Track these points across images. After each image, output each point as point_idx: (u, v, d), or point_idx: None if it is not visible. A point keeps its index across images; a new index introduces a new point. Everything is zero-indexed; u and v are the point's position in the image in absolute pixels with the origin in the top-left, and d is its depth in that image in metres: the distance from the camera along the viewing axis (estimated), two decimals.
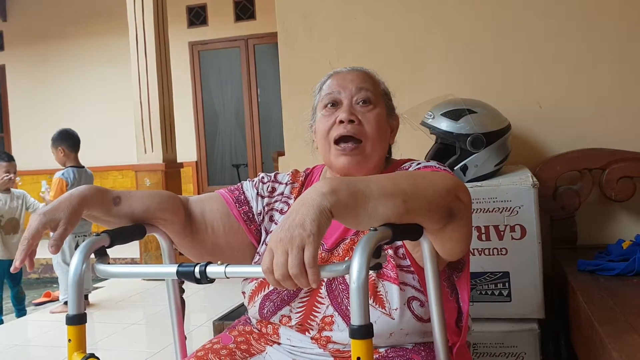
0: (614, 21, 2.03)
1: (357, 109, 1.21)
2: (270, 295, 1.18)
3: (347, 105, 1.20)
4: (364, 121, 1.20)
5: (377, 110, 1.22)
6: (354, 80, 1.23)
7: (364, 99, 1.21)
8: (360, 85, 1.22)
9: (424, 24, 2.19)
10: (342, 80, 1.24)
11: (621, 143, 1.99)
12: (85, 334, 1.00)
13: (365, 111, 1.21)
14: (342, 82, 1.23)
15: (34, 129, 8.31)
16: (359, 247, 0.83)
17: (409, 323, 1.09)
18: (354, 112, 1.20)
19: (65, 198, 1.05)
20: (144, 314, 4.30)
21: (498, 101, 1.94)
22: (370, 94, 1.22)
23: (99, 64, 7.98)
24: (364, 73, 1.27)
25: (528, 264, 1.66)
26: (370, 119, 1.20)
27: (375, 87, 1.25)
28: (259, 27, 7.34)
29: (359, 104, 1.21)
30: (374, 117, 1.21)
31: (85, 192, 1.07)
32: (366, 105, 1.21)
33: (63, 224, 1.02)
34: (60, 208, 1.03)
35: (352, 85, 1.22)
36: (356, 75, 1.25)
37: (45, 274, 6.30)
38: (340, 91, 1.22)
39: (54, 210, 1.02)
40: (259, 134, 7.67)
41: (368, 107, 1.21)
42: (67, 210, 1.03)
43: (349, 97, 1.21)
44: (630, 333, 1.15)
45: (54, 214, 1.02)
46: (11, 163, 4.33)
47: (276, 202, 1.30)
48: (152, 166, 5.38)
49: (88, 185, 1.10)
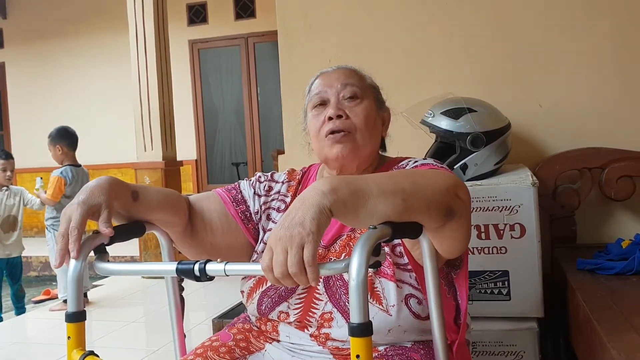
0: (613, 20, 2.03)
1: (344, 105, 1.23)
2: (268, 292, 1.18)
3: (334, 102, 1.22)
4: (351, 115, 1.21)
5: (365, 104, 1.24)
6: (339, 78, 1.25)
7: (351, 95, 1.23)
8: (345, 81, 1.24)
9: (424, 22, 2.19)
10: (328, 79, 1.26)
11: (621, 142, 1.99)
12: (84, 332, 1.01)
13: (352, 105, 1.23)
14: (328, 81, 1.26)
15: (33, 127, 8.31)
16: (358, 245, 0.83)
17: (406, 320, 1.10)
18: (341, 108, 1.22)
19: (94, 185, 1.04)
20: (143, 312, 4.31)
21: (498, 100, 1.94)
22: (356, 88, 1.24)
23: (98, 62, 7.98)
24: (349, 70, 1.29)
25: (527, 263, 1.66)
26: (357, 112, 1.22)
27: (361, 82, 1.27)
28: (259, 26, 7.35)
29: (346, 99, 1.23)
30: (361, 110, 1.22)
31: (109, 180, 1.07)
32: (353, 100, 1.23)
33: (105, 207, 1.02)
34: (95, 194, 1.02)
35: (337, 82, 1.24)
36: (342, 72, 1.27)
37: (44, 272, 6.30)
38: (327, 90, 1.24)
39: (90, 197, 1.02)
40: (258, 132, 7.68)
41: (355, 102, 1.23)
42: (103, 194, 1.03)
43: (335, 94, 1.23)
44: (629, 332, 1.15)
45: (92, 200, 1.02)
46: (9, 161, 4.31)
47: (273, 200, 1.31)
48: (151, 164, 5.38)
49: (109, 176, 1.09)
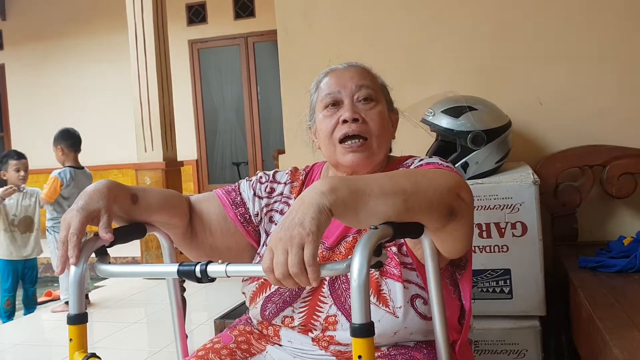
0: (614, 18, 2.03)
1: (359, 107, 1.19)
2: (272, 297, 1.17)
3: (349, 104, 1.18)
4: (367, 119, 1.18)
5: (380, 107, 1.20)
6: (353, 78, 1.21)
7: (365, 97, 1.19)
8: (359, 82, 1.20)
9: (424, 20, 2.19)
10: (341, 78, 1.21)
11: (622, 140, 1.99)
12: (86, 334, 1.01)
13: (367, 109, 1.19)
14: (340, 80, 1.21)
15: (33, 128, 8.32)
16: (359, 245, 0.83)
17: (413, 321, 1.09)
18: (357, 111, 1.18)
19: (93, 190, 1.04)
20: (145, 313, 4.31)
21: (498, 98, 1.94)
22: (371, 90, 1.20)
23: (98, 62, 7.97)
24: (362, 69, 1.25)
25: (529, 261, 1.66)
26: (373, 116, 1.19)
27: (374, 83, 1.23)
28: (258, 25, 7.34)
29: (360, 101, 1.19)
30: (377, 114, 1.19)
31: (108, 184, 1.06)
32: (368, 102, 1.19)
33: (105, 212, 1.02)
34: (93, 199, 1.02)
35: (351, 82, 1.20)
36: (355, 71, 1.23)
37: (46, 273, 6.30)
38: (340, 90, 1.20)
39: (89, 203, 1.01)
40: (259, 131, 7.67)
41: (370, 105, 1.19)
42: (102, 198, 1.02)
43: (349, 95, 1.19)
44: (632, 330, 1.15)
45: (91, 205, 1.01)
46: (21, 161, 4.27)
47: (275, 202, 1.28)
48: (152, 165, 5.38)
49: (107, 179, 1.09)
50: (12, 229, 4.22)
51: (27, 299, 4.43)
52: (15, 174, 4.21)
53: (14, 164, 4.22)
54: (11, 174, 4.21)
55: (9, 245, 4.21)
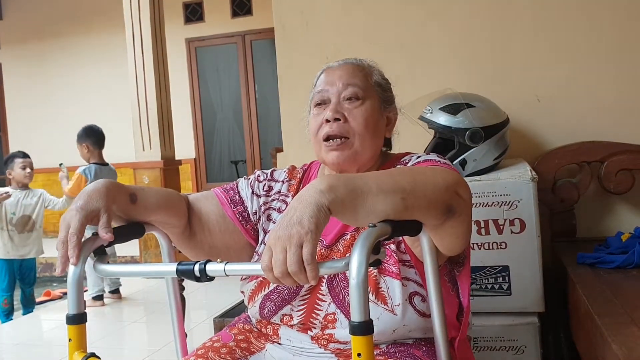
0: (612, 13, 2.03)
1: (344, 106, 1.19)
2: (271, 295, 1.17)
3: (334, 103, 1.20)
4: (350, 118, 1.18)
5: (366, 105, 1.20)
6: (342, 77, 1.22)
7: (351, 95, 1.20)
8: (347, 81, 1.21)
9: (421, 17, 2.19)
10: (331, 76, 1.23)
11: (619, 136, 1.99)
12: (85, 334, 1.01)
13: (352, 107, 1.19)
14: (330, 78, 1.23)
15: (31, 128, 8.31)
16: (358, 243, 0.83)
17: (411, 319, 1.09)
18: (340, 110, 1.19)
19: (92, 189, 1.04)
20: (144, 312, 4.31)
21: (496, 95, 1.94)
22: (357, 89, 1.20)
23: (95, 61, 7.96)
24: (354, 67, 1.25)
25: (527, 258, 1.66)
26: (356, 115, 1.19)
27: (364, 81, 1.23)
28: (256, 23, 7.33)
29: (346, 100, 1.20)
30: (361, 113, 1.19)
31: (107, 184, 1.06)
32: (353, 101, 1.20)
33: (104, 212, 1.02)
34: (93, 198, 1.02)
35: (339, 81, 1.21)
36: (345, 70, 1.23)
37: (45, 273, 6.30)
38: (328, 89, 1.21)
39: (88, 202, 1.01)
40: (257, 130, 7.67)
41: (355, 103, 1.20)
42: (101, 198, 1.03)
43: (336, 94, 1.20)
44: (630, 326, 1.15)
45: (90, 205, 1.01)
46: (27, 159, 4.36)
47: (273, 200, 1.29)
48: (150, 164, 5.38)
49: (105, 179, 1.09)
50: (10, 227, 4.23)
51: (25, 299, 4.43)
52: (21, 171, 4.31)
53: (20, 162, 4.32)
54: (18, 172, 4.31)
55: (5, 244, 4.23)
